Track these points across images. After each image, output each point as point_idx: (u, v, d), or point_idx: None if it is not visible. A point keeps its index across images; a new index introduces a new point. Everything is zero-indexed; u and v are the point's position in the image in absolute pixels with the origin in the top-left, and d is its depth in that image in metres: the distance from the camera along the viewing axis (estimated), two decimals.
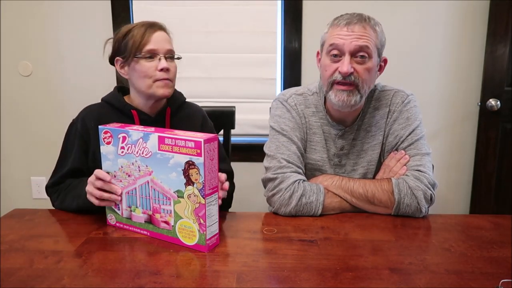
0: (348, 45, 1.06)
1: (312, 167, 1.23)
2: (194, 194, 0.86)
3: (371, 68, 1.08)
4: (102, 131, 0.96)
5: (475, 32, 2.01)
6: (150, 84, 1.12)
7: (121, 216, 0.99)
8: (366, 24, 1.07)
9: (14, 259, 0.84)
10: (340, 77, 1.08)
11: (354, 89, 1.09)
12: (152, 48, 1.11)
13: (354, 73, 1.07)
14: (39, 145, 2.18)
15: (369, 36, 1.06)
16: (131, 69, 1.13)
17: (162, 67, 1.10)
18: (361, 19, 1.08)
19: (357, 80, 1.08)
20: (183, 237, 0.91)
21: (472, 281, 0.76)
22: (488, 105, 1.98)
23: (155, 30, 1.12)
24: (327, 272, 0.79)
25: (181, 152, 0.86)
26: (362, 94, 1.10)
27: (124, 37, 1.12)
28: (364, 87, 1.09)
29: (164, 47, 1.12)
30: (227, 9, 2.05)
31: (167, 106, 1.21)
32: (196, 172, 0.85)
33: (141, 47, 1.10)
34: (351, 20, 1.07)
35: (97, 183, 0.97)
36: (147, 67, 1.11)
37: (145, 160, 0.92)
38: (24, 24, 2.08)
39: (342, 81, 1.08)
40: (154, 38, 1.11)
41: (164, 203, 0.92)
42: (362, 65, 1.07)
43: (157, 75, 1.11)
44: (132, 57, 1.11)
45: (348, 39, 1.06)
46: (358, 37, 1.05)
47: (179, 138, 0.86)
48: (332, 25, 1.11)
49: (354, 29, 1.06)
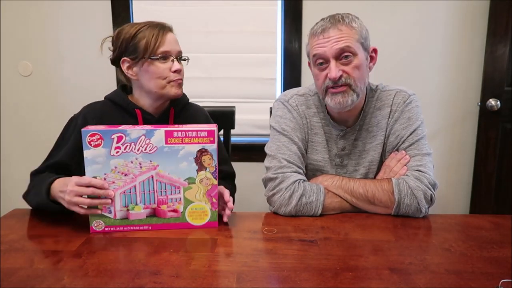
0: (329, 50, 1.07)
1: (313, 168, 1.23)
2: (207, 177, 0.98)
3: (359, 65, 1.09)
4: (88, 134, 0.92)
5: (475, 32, 2.00)
6: (163, 84, 1.13)
7: (114, 218, 0.97)
8: (341, 24, 1.07)
9: (14, 259, 0.84)
10: (331, 82, 1.09)
11: (347, 89, 1.09)
12: (166, 50, 1.12)
13: (344, 75, 1.08)
14: (39, 145, 2.18)
15: (347, 35, 1.07)
16: (143, 70, 1.13)
17: (176, 68, 1.13)
18: (335, 21, 1.08)
19: (349, 80, 1.08)
20: (193, 219, 1.00)
21: (472, 281, 0.76)
22: (488, 105, 1.98)
23: (167, 31, 1.14)
24: (327, 272, 0.79)
25: (192, 142, 0.95)
26: (357, 92, 1.10)
27: (133, 38, 1.11)
28: (358, 85, 1.10)
29: (176, 49, 1.14)
30: (227, 9, 2.05)
31: (171, 107, 1.21)
32: (209, 158, 0.96)
33: (156, 49, 1.11)
34: (325, 26, 1.08)
35: (87, 190, 0.93)
36: (162, 68, 1.12)
37: (148, 156, 0.94)
38: (24, 24, 2.08)
39: (334, 86, 1.09)
40: (168, 40, 1.13)
41: (173, 192, 0.98)
42: (349, 65, 1.08)
43: (171, 76, 1.13)
44: (146, 58, 1.11)
45: (327, 46, 1.07)
46: (336, 41, 1.06)
47: (190, 130, 0.95)
48: (310, 36, 1.13)
49: (329, 34, 1.07)
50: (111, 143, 0.93)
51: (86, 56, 2.10)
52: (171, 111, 1.21)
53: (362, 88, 1.13)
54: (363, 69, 1.10)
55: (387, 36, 2.01)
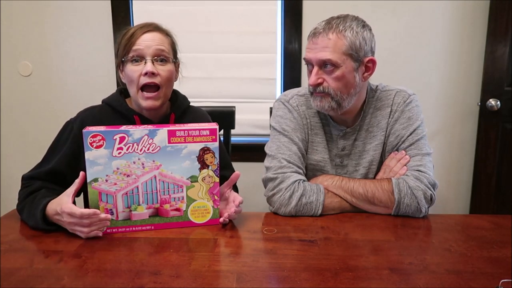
0: (314, 58, 1.08)
1: (314, 168, 1.23)
2: (209, 175, 0.99)
3: (341, 76, 1.08)
4: (89, 135, 0.91)
5: (475, 32, 2.00)
6: (135, 91, 1.05)
7: (116, 220, 0.97)
8: (332, 32, 1.06)
9: (14, 259, 0.84)
10: (311, 88, 1.12)
11: (326, 96, 1.10)
12: (137, 48, 1.02)
13: (324, 83, 1.09)
14: (39, 145, 2.17)
15: (333, 46, 1.06)
16: (123, 74, 1.08)
17: (145, 71, 1.02)
18: (327, 28, 1.07)
19: (328, 90, 1.09)
20: (195, 217, 1.01)
21: (472, 281, 0.76)
22: (488, 105, 1.98)
23: (146, 31, 1.04)
24: (327, 272, 0.79)
25: (195, 141, 0.96)
26: (337, 100, 1.10)
27: (121, 39, 1.07)
28: (337, 94, 1.10)
29: (151, 48, 1.03)
30: (227, 9, 2.05)
31: (171, 112, 1.15)
32: (212, 156, 0.97)
33: (128, 49, 1.03)
34: (317, 31, 1.08)
35: (84, 223, 0.90)
36: (132, 71, 1.04)
37: (151, 155, 0.94)
38: (24, 24, 2.08)
39: (313, 91, 1.12)
40: (142, 39, 1.03)
41: (175, 191, 0.98)
42: (330, 75, 1.08)
43: (141, 80, 1.03)
44: (120, 60, 1.05)
45: (312, 52, 1.09)
46: (321, 49, 1.07)
47: (192, 129, 0.96)
48: (308, 36, 1.13)
49: (317, 41, 1.08)
50: (113, 144, 0.93)
51: (86, 56, 2.10)
52: (171, 117, 1.14)
53: (345, 97, 1.11)
54: (347, 80, 1.09)
55: (387, 36, 2.01)
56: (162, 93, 1.07)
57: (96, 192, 0.94)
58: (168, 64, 1.08)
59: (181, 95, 1.22)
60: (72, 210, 0.89)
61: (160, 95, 1.07)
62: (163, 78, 1.06)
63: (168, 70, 1.07)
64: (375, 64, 1.13)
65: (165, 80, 1.07)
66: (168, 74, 1.07)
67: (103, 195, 0.95)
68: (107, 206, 0.95)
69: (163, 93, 1.08)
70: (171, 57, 1.09)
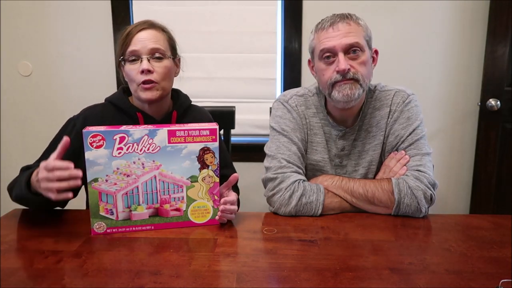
0: (339, 44, 1.07)
1: (313, 168, 1.23)
2: (209, 175, 0.99)
3: (366, 61, 1.09)
4: (89, 135, 0.90)
5: (475, 32, 2.00)
6: (135, 88, 1.09)
7: (116, 220, 0.96)
8: (349, 20, 1.09)
9: (14, 259, 0.84)
10: (339, 77, 1.08)
11: (355, 82, 1.09)
12: (133, 49, 1.06)
13: (352, 69, 1.08)
14: (39, 145, 2.17)
15: (356, 31, 1.08)
16: (124, 73, 1.11)
17: (141, 69, 1.05)
18: (343, 16, 1.09)
19: (357, 75, 1.08)
20: (195, 217, 1.01)
21: (472, 281, 0.76)
22: (488, 105, 1.98)
23: (140, 29, 1.07)
24: (327, 272, 0.79)
25: (195, 141, 0.96)
26: (363, 87, 1.11)
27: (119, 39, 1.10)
28: (365, 80, 1.10)
29: (146, 47, 1.06)
30: (227, 9, 2.04)
31: (173, 110, 1.18)
32: (212, 156, 0.97)
33: (124, 49, 1.06)
34: (334, 20, 1.09)
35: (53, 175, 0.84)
36: (130, 70, 1.07)
37: (151, 155, 0.94)
38: (24, 24, 2.08)
39: (342, 80, 1.08)
40: (137, 38, 1.06)
41: (175, 191, 0.98)
42: (356, 60, 1.08)
43: (139, 78, 1.06)
44: (119, 60, 1.08)
45: (337, 39, 1.07)
46: (346, 34, 1.07)
47: (192, 129, 0.96)
48: (316, 30, 1.13)
49: (339, 27, 1.07)
50: (113, 144, 0.93)
51: (86, 56, 2.10)
52: (173, 114, 1.17)
53: (367, 85, 1.14)
54: (369, 66, 1.11)
55: (387, 36, 2.01)
56: (160, 86, 1.09)
57: (96, 192, 0.94)
58: (164, 60, 1.09)
59: (183, 94, 1.25)
60: (47, 162, 0.85)
61: (157, 87, 1.08)
62: (159, 74, 1.08)
63: (165, 66, 1.09)
64: (377, 55, 1.17)
65: (162, 76, 1.08)
66: (165, 70, 1.09)
67: (103, 195, 0.94)
68: (107, 206, 0.95)
69: (161, 86, 1.09)
70: (167, 53, 1.11)
